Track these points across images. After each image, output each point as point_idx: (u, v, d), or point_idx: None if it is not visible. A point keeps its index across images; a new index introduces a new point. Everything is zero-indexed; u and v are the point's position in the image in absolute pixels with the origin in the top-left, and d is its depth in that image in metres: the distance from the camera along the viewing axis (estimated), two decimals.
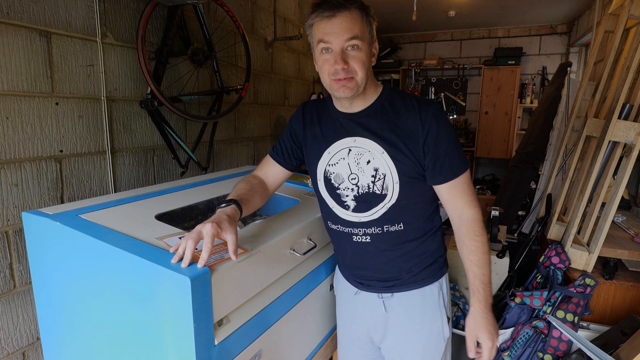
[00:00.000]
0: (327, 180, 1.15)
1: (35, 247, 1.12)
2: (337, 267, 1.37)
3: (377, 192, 1.09)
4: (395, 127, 1.06)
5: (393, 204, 1.10)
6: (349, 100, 1.08)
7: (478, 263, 1.09)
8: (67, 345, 1.15)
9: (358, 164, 1.09)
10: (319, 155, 1.16)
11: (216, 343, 0.90)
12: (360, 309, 1.26)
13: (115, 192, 1.57)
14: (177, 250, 0.88)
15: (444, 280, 1.22)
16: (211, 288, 0.86)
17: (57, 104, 1.37)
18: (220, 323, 0.93)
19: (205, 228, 0.88)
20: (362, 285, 1.23)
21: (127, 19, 1.59)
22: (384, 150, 1.07)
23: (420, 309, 1.19)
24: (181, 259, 0.85)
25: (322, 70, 1.04)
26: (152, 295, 0.88)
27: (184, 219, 1.35)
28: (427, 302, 1.19)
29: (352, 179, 1.11)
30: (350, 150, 1.10)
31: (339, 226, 1.18)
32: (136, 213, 1.16)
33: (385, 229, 1.12)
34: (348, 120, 1.11)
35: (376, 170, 1.08)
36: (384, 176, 1.08)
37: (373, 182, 1.09)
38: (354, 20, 0.98)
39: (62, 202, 1.41)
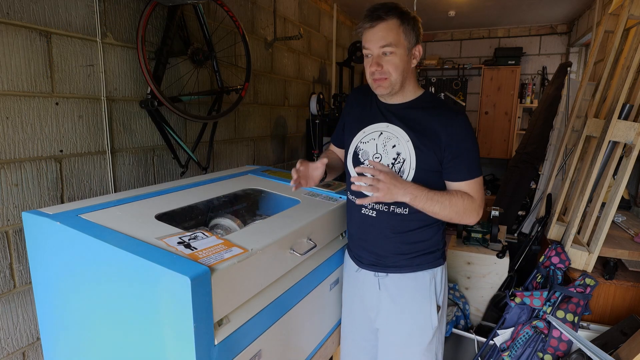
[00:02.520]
0: (355, 155, 1.31)
1: (35, 247, 1.12)
2: (345, 248, 1.47)
3: (393, 168, 1.24)
4: (425, 123, 1.21)
5: None
6: (388, 96, 1.24)
7: (445, 197, 1.18)
8: (67, 345, 1.15)
9: (385, 146, 1.24)
10: (355, 133, 1.32)
11: (216, 343, 0.90)
12: (359, 287, 1.37)
13: (115, 192, 1.57)
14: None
15: (438, 272, 1.31)
16: (211, 288, 0.86)
17: (57, 104, 1.37)
18: (220, 323, 0.93)
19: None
20: (361, 264, 1.35)
21: (127, 19, 1.59)
22: (409, 139, 1.21)
23: (412, 292, 1.29)
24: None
25: (366, 71, 1.23)
26: (152, 295, 0.88)
27: (184, 219, 1.35)
28: (419, 287, 1.29)
29: (375, 158, 1.26)
30: (381, 133, 1.26)
31: (354, 197, 1.32)
32: (136, 213, 1.16)
33: (391, 209, 1.26)
34: (386, 109, 1.27)
35: (398, 154, 1.22)
36: (404, 161, 1.22)
37: (393, 164, 1.24)
38: (389, 29, 1.15)
39: (62, 202, 1.41)
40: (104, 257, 0.95)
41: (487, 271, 2.19)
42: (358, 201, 1.25)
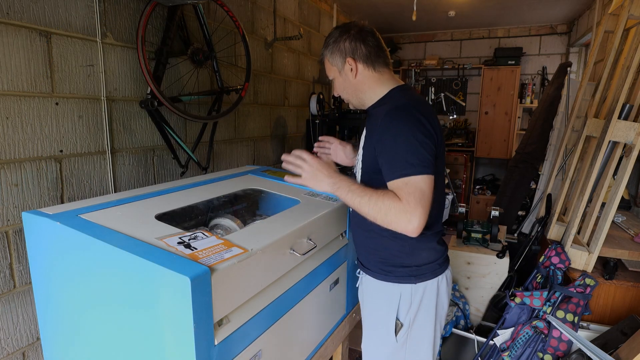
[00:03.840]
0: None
1: (35, 247, 1.12)
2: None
3: (357, 175, 1.31)
4: (372, 122, 1.22)
5: None
6: (359, 108, 1.33)
7: (368, 192, 1.10)
8: (67, 345, 1.15)
9: (361, 148, 1.29)
10: None
11: (216, 343, 0.90)
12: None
13: (115, 192, 1.57)
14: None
15: (407, 289, 1.22)
16: (211, 288, 0.86)
17: (57, 104, 1.37)
18: (220, 323, 0.93)
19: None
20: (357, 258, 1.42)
21: (127, 19, 1.59)
22: (364, 142, 1.25)
23: (378, 299, 1.28)
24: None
25: None
26: (152, 295, 0.88)
27: (184, 219, 1.35)
28: (385, 297, 1.26)
29: (359, 158, 1.30)
30: (362, 136, 1.31)
31: None
32: (136, 213, 1.16)
33: None
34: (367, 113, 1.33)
35: (359, 157, 1.29)
36: (358, 163, 1.29)
37: (357, 165, 1.31)
38: (326, 68, 1.30)
39: (62, 202, 1.41)
40: (104, 257, 0.95)
41: (487, 271, 2.19)
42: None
